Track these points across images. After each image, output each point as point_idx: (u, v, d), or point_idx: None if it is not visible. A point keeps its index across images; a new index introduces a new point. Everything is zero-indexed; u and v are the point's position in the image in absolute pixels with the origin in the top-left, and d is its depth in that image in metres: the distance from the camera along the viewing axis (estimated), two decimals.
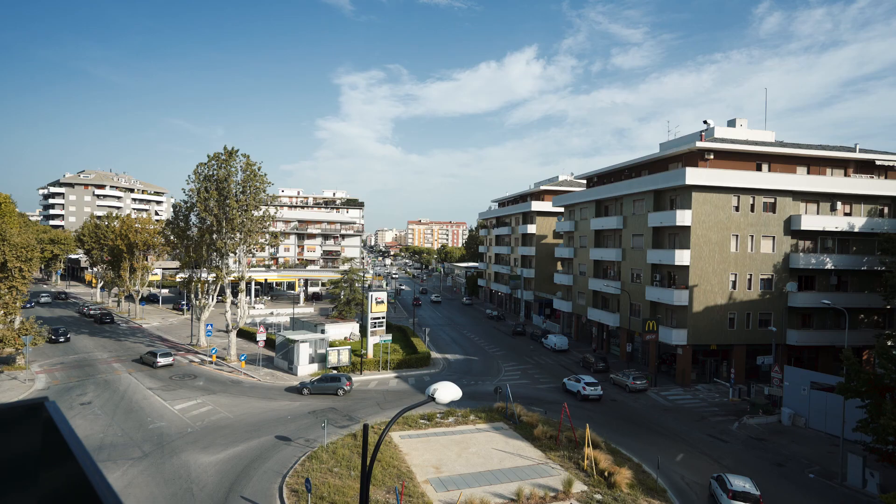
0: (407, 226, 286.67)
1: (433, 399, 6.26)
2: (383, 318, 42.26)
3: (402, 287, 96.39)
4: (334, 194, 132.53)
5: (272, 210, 44.93)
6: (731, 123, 42.69)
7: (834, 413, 27.37)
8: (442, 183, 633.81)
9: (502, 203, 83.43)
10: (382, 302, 42.01)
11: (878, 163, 40.44)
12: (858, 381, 20.86)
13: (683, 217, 36.99)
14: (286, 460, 23.00)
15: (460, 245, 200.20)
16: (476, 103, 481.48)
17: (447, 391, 6.29)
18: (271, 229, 45.02)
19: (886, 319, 38.90)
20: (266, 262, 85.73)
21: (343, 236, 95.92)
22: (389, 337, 40.92)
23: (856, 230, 38.05)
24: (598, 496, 20.24)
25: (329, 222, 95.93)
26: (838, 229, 37.91)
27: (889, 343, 27.74)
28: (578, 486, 20.88)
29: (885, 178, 40.60)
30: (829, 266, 37.95)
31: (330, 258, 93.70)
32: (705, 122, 42.46)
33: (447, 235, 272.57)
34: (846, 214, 39.01)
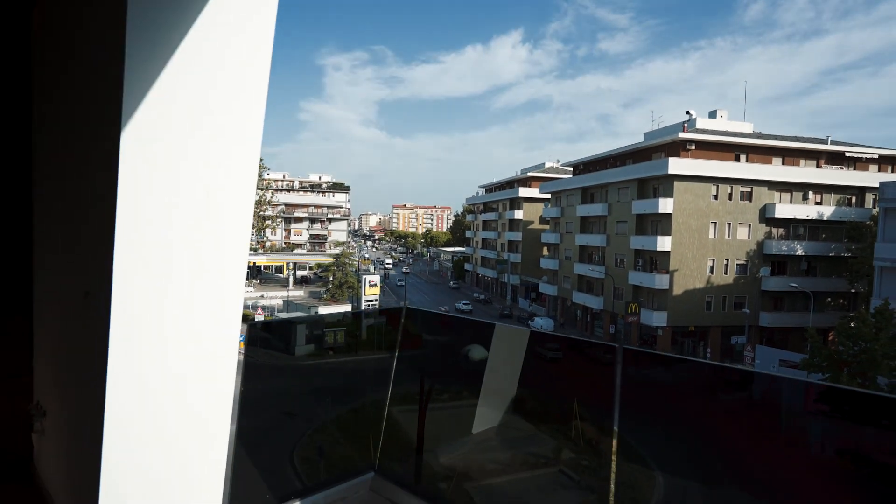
0: (392, 210, 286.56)
1: (468, 357, 7.61)
2: (376, 300, 43.66)
3: (400, 282, 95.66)
4: (320, 178, 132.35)
5: (268, 194, 45.70)
6: (713, 115, 44.58)
7: None
8: (426, 167, 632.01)
9: (489, 189, 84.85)
10: (376, 285, 43.41)
11: (847, 155, 42.79)
12: (820, 357, 23.04)
13: (665, 205, 38.86)
14: (294, 432, 24.44)
15: (445, 230, 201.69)
16: (462, 87, 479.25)
17: (477, 350, 7.66)
18: (267, 213, 45.84)
19: (851, 302, 41.55)
20: (253, 246, 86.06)
21: (330, 220, 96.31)
22: (384, 319, 42.31)
23: (825, 218, 40.41)
24: (585, 462, 22.17)
25: (316, 206, 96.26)
26: (809, 217, 40.24)
27: (852, 325, 30.09)
28: (567, 454, 22.78)
29: (854, 169, 43.00)
30: (799, 252, 40.33)
31: (317, 242, 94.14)
32: (687, 112, 44.32)
33: (432, 220, 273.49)
34: (817, 203, 41.34)
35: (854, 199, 42.03)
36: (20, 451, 2.45)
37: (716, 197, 39.69)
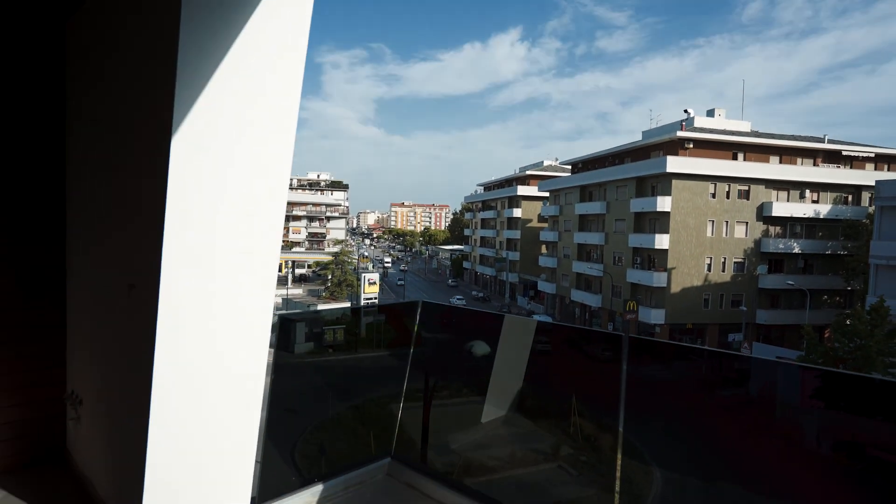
0: (390, 208, 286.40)
1: (471, 352, 7.66)
2: (376, 298, 43.65)
3: (400, 282, 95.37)
4: (318, 176, 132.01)
5: None
6: (710, 113, 44.68)
7: None
8: (424, 165, 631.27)
9: (488, 187, 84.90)
10: (375, 283, 43.40)
11: (844, 153, 42.93)
12: (816, 353, 23.15)
13: (663, 203, 38.95)
14: (295, 429, 24.52)
15: (444, 228, 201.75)
16: (460, 85, 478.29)
17: (480, 346, 7.72)
18: None
19: (846, 299, 41.72)
20: None
21: (328, 218, 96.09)
22: (383, 317, 42.35)
23: (822, 217, 40.57)
24: (584, 458, 22.27)
25: (314, 204, 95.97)
26: (806, 216, 40.39)
27: (847, 322, 30.23)
28: (566, 450, 22.87)
29: (851, 167, 43.16)
30: (796, 250, 40.48)
31: (315, 240, 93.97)
32: (686, 111, 44.40)
33: (430, 218, 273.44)
34: (814, 202, 41.48)
35: (850, 198, 42.18)
36: (54, 437, 2.52)
37: (713, 195, 39.79)
